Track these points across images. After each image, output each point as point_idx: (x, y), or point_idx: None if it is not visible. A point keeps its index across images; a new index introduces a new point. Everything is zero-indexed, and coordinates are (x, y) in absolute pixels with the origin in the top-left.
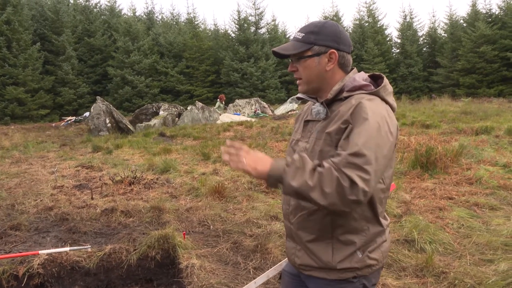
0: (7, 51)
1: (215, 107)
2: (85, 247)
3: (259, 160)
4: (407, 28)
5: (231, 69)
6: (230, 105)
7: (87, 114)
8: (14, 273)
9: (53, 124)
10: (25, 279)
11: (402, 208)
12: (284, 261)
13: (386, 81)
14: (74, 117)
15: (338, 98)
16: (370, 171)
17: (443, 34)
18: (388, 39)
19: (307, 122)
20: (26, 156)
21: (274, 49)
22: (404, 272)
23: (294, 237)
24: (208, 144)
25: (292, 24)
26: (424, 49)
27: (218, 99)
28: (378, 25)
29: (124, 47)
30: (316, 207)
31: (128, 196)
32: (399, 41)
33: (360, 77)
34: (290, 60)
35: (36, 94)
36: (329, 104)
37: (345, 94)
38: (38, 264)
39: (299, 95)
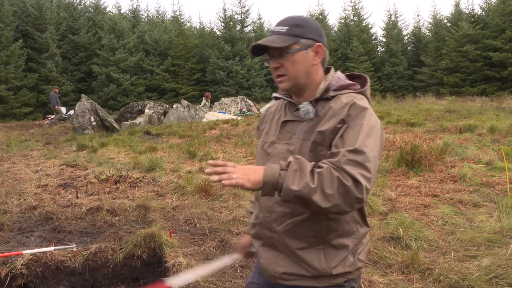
0: None
1: (200, 105)
2: (70, 246)
3: (250, 171)
4: (392, 27)
5: (217, 67)
6: (216, 103)
7: (71, 112)
8: None
9: (37, 122)
10: (8, 280)
11: (387, 205)
12: (232, 257)
13: (368, 81)
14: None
15: (323, 98)
16: (371, 169)
17: (427, 33)
18: (373, 38)
19: (285, 122)
20: (9, 154)
21: (259, 42)
22: (390, 269)
23: (277, 246)
24: (194, 142)
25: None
26: (409, 48)
27: (203, 97)
28: (364, 24)
29: (109, 44)
30: (311, 212)
31: (114, 194)
32: (384, 40)
33: (342, 75)
34: (265, 57)
35: (19, 92)
36: (314, 102)
37: (332, 93)
38: (22, 265)
39: (278, 94)
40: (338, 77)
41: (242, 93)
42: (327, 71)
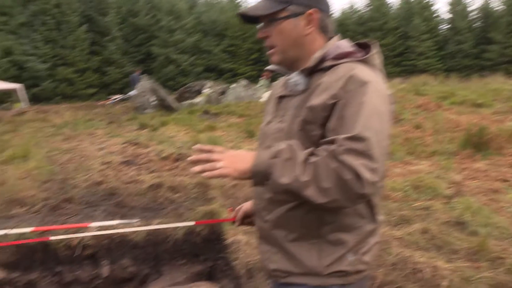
0: (57, 33)
1: (259, 85)
2: (133, 221)
3: (237, 158)
4: (457, 3)
5: None
6: (274, 83)
7: (132, 92)
8: (69, 243)
9: (100, 103)
10: (79, 249)
11: (452, 189)
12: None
13: (376, 48)
14: (120, 96)
15: (319, 68)
16: (376, 157)
17: (498, 7)
18: (436, 15)
19: (281, 98)
20: (76, 133)
21: (241, 10)
22: (456, 255)
23: (268, 238)
24: (253, 121)
25: None
26: (476, 24)
27: (262, 77)
28: (426, 0)
29: (167, 26)
30: (298, 201)
31: (174, 172)
32: (448, 16)
33: (345, 43)
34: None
35: (84, 74)
36: (308, 74)
37: (328, 63)
38: (90, 236)
39: (270, 67)
40: (337, 45)
41: None
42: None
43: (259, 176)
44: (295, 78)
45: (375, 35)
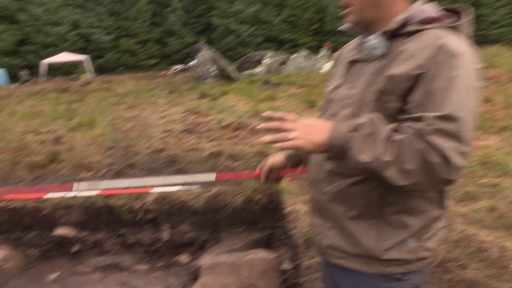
0: (120, 5)
1: (319, 56)
2: (193, 187)
3: (312, 128)
4: None
5: (336, 17)
6: (336, 53)
7: (192, 62)
8: (131, 207)
9: (162, 73)
10: (141, 213)
11: None
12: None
13: (468, 15)
14: (181, 66)
15: (401, 33)
16: (467, 140)
17: None
18: None
19: (353, 62)
20: (138, 102)
21: None
22: None
23: (323, 211)
24: (313, 92)
25: None
26: None
27: (323, 48)
28: None
29: None
30: (364, 176)
31: (234, 141)
32: None
33: (431, 8)
34: None
35: (145, 45)
36: (389, 38)
37: (412, 28)
38: (152, 201)
39: (343, 27)
40: (422, 9)
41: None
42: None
43: (335, 150)
44: (374, 41)
45: (443, 3)
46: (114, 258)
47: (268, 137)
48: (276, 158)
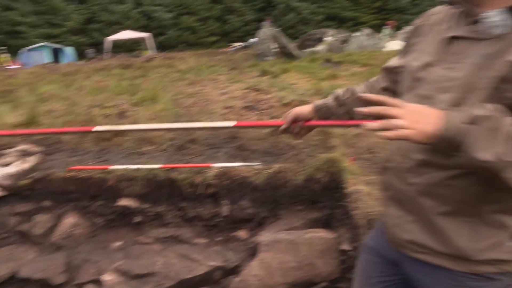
0: None
1: (383, 34)
2: (255, 164)
3: (421, 116)
4: None
5: None
6: (399, 32)
7: (253, 40)
8: (192, 181)
9: (222, 50)
10: (202, 188)
11: None
12: None
13: None
14: (241, 43)
15: None
16: None
17: None
18: None
19: (454, 38)
20: (199, 78)
21: None
22: None
23: (406, 203)
24: (376, 71)
25: None
26: None
27: (386, 26)
28: None
29: None
30: (463, 170)
31: None
32: None
33: None
34: None
35: (206, 22)
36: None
37: None
38: (213, 176)
39: None
40: None
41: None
42: None
43: (444, 143)
44: (496, 18)
45: None
46: (174, 231)
47: (374, 124)
48: (303, 109)
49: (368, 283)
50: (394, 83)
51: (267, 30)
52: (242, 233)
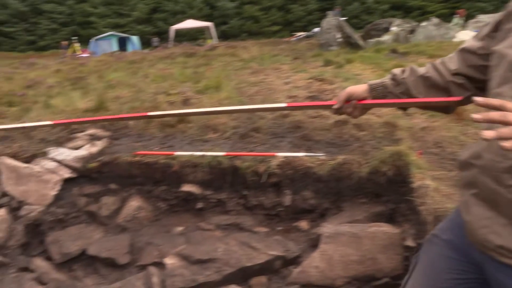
0: None
1: (452, 24)
2: (319, 154)
3: None
4: None
5: None
6: (471, 21)
7: (316, 29)
8: (255, 170)
9: (285, 39)
10: (265, 177)
11: None
12: None
13: None
14: (305, 33)
15: None
16: None
17: None
18: None
19: None
20: (262, 67)
21: None
22: None
23: (501, 205)
24: None
25: None
26: None
27: (455, 15)
28: None
29: None
30: None
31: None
32: None
33: None
34: None
35: (269, 12)
36: None
37: None
38: (276, 165)
39: None
40: None
41: (503, 9)
42: None
43: None
44: None
45: None
46: (235, 218)
47: (491, 133)
48: (357, 88)
49: (437, 278)
50: (471, 67)
51: (331, 19)
52: (303, 224)
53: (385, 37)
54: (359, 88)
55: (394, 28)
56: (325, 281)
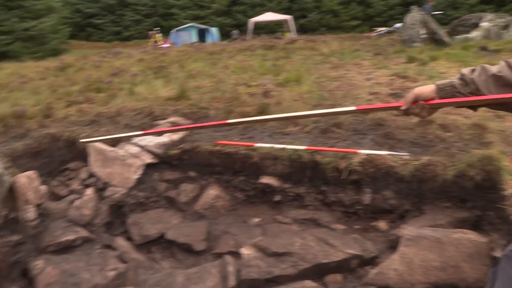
0: None
1: None
2: (403, 154)
3: None
4: None
5: None
6: None
7: (398, 25)
8: (336, 166)
9: (365, 35)
10: (345, 173)
11: None
12: None
13: None
14: (386, 28)
15: None
16: None
17: None
18: None
19: None
20: (343, 62)
21: None
22: None
23: None
24: None
25: None
26: None
27: None
28: None
29: None
30: None
31: (446, 109)
32: None
33: None
34: None
35: (348, 6)
36: None
37: None
38: (357, 162)
39: None
40: None
41: None
42: None
43: None
44: None
45: None
46: (313, 213)
47: None
48: (424, 88)
49: None
50: None
51: (415, 14)
52: (382, 224)
53: (474, 33)
54: (427, 89)
55: (485, 24)
56: (403, 285)
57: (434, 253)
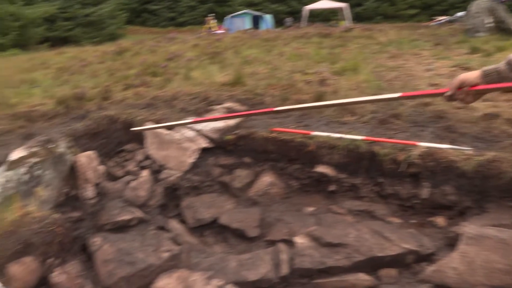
0: None
1: None
2: (466, 148)
3: None
4: None
5: None
6: None
7: (460, 14)
8: (394, 158)
9: (424, 24)
10: (404, 166)
11: None
12: None
13: None
14: (447, 17)
15: None
16: None
17: None
18: None
19: None
20: (401, 52)
21: None
22: None
23: None
24: None
25: None
26: None
27: None
28: None
29: None
30: None
31: None
32: None
33: None
34: None
35: None
36: None
37: None
38: (417, 155)
39: None
40: None
41: None
42: None
43: None
44: None
45: None
46: (368, 205)
47: None
48: (469, 74)
49: None
50: None
51: (481, 2)
52: (439, 220)
53: None
54: (472, 75)
55: None
56: (463, 286)
57: (499, 254)
